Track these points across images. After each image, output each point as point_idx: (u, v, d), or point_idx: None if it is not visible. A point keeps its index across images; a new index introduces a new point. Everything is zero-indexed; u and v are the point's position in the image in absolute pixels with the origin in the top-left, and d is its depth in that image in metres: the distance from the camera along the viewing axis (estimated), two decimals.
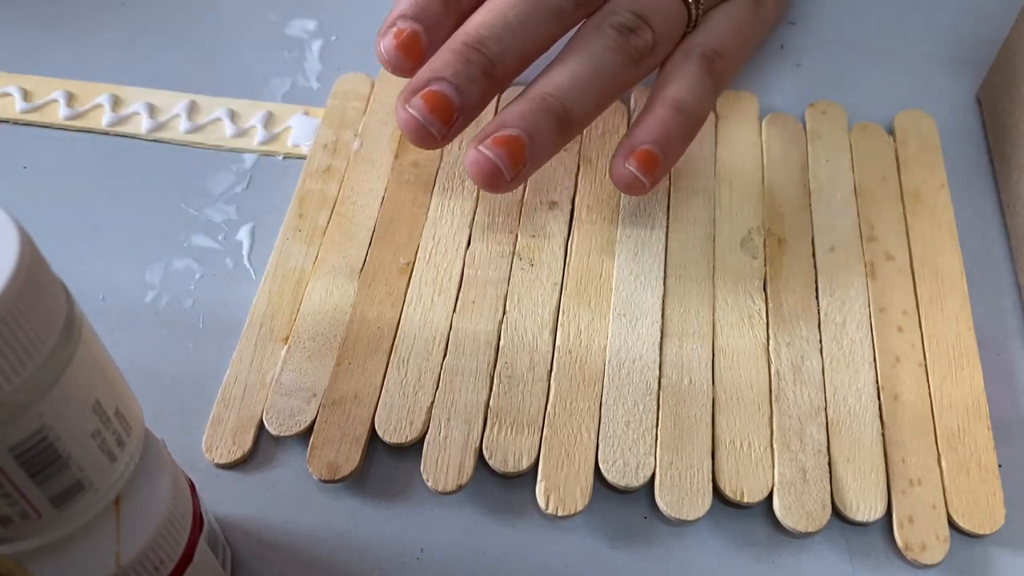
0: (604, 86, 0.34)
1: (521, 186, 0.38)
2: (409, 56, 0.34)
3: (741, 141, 0.40)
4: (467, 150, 0.33)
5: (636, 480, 0.31)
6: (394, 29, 0.34)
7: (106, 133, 0.40)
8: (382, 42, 0.34)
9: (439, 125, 0.33)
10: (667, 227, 0.37)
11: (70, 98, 0.41)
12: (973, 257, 0.37)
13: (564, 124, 0.33)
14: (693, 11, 0.36)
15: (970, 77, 0.44)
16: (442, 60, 0.33)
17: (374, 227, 0.37)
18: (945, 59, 0.45)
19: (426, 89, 0.33)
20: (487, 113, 0.39)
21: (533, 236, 0.37)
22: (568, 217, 0.37)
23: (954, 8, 0.48)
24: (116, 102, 0.41)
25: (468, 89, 0.33)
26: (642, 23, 0.34)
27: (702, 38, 0.36)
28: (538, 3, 0.33)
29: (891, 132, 0.41)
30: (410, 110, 0.33)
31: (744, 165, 0.39)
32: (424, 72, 0.33)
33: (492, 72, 0.33)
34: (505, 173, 0.33)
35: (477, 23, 0.33)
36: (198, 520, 0.25)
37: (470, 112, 0.33)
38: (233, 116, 0.41)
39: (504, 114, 0.33)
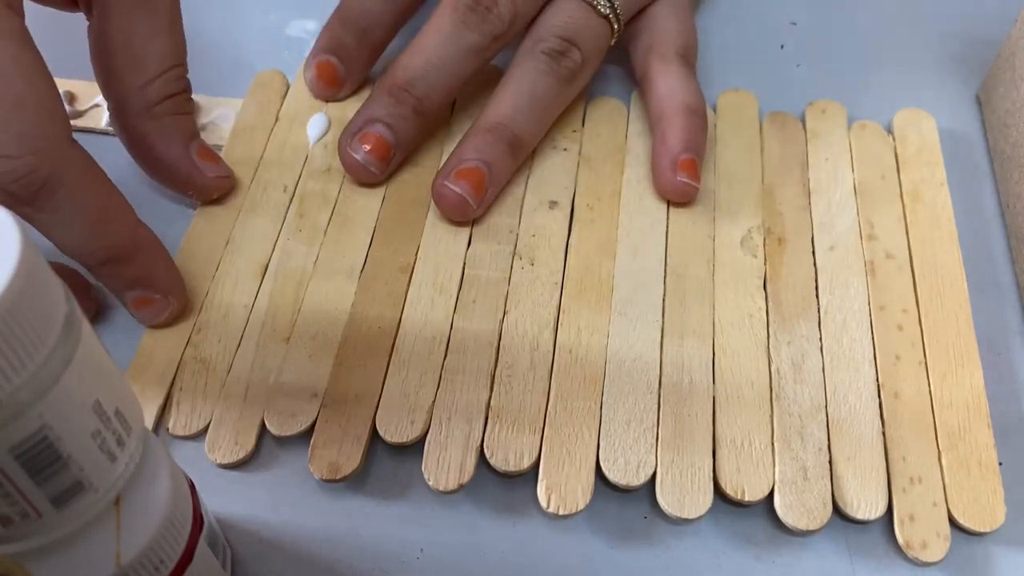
0: (545, 108, 0.38)
1: (522, 187, 0.38)
2: (329, 84, 0.40)
3: (741, 140, 0.40)
4: (433, 185, 0.36)
5: (637, 479, 0.31)
6: (315, 61, 0.40)
7: (106, 133, 0.40)
8: (306, 73, 0.41)
9: (378, 163, 0.37)
10: (667, 226, 0.37)
11: (70, 98, 0.41)
12: (973, 257, 0.37)
13: (515, 148, 0.37)
14: (614, 24, 0.38)
15: (970, 77, 0.44)
16: (376, 103, 0.37)
17: (374, 227, 0.37)
18: (945, 59, 0.45)
19: (363, 131, 0.37)
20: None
21: (533, 236, 0.37)
22: (568, 217, 0.37)
23: (954, 8, 0.48)
24: None
25: (401, 127, 0.37)
26: (570, 45, 0.37)
27: (671, 42, 0.40)
28: (458, 44, 0.36)
29: (890, 131, 0.41)
30: (352, 152, 0.37)
31: (744, 164, 0.39)
32: (361, 115, 0.37)
33: (421, 109, 0.37)
34: (471, 202, 0.36)
35: (404, 66, 0.37)
36: (198, 520, 0.25)
37: (406, 147, 0.38)
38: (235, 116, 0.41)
39: (461, 148, 0.37)
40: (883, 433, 0.32)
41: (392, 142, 0.37)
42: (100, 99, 0.41)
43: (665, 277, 0.36)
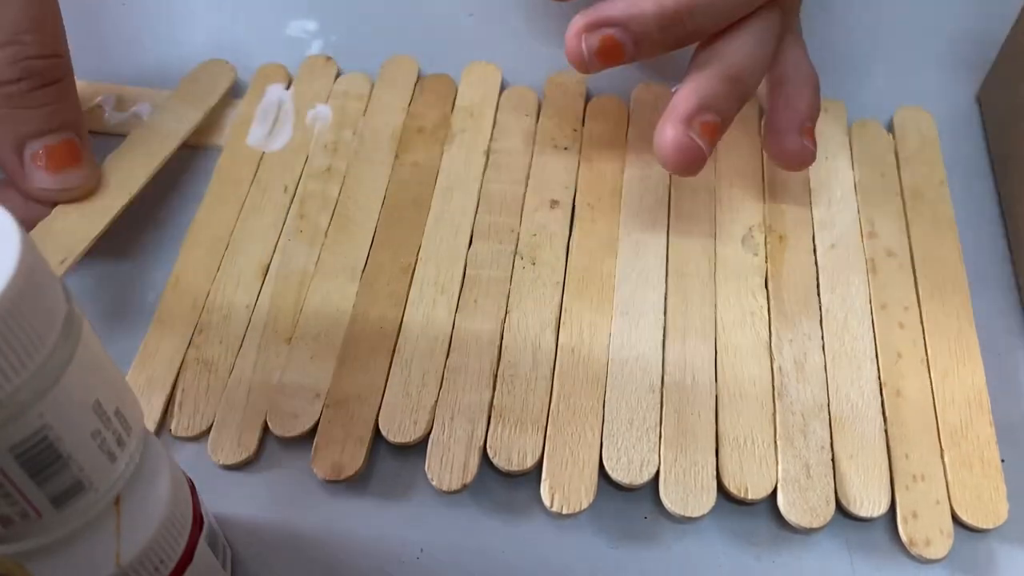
0: (765, 56, 0.34)
1: (523, 187, 0.38)
2: (607, 63, 0.33)
3: (742, 139, 0.40)
4: (664, 131, 0.32)
5: (640, 478, 0.30)
6: (602, 33, 0.33)
7: (106, 133, 0.40)
8: (585, 40, 0.33)
9: (602, 64, 0.33)
10: (668, 225, 0.37)
11: None
12: (973, 257, 0.37)
13: (743, 98, 0.34)
14: None
15: (970, 77, 0.44)
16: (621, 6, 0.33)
17: (375, 227, 0.37)
18: (945, 59, 0.45)
19: (603, 30, 0.32)
20: None
21: (535, 235, 0.37)
22: (570, 216, 0.37)
23: (954, 8, 0.48)
24: (117, 102, 0.41)
25: (644, 44, 0.33)
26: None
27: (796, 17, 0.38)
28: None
29: (890, 129, 0.41)
30: (583, 43, 0.33)
31: (745, 162, 0.39)
32: (605, 9, 0.33)
33: (685, 42, 0.34)
34: (706, 156, 0.33)
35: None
36: (198, 520, 0.25)
37: (637, 59, 0.34)
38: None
39: (701, 93, 0.32)
40: (885, 431, 0.32)
41: (630, 54, 0.33)
42: (101, 99, 0.41)
43: (666, 276, 0.36)
